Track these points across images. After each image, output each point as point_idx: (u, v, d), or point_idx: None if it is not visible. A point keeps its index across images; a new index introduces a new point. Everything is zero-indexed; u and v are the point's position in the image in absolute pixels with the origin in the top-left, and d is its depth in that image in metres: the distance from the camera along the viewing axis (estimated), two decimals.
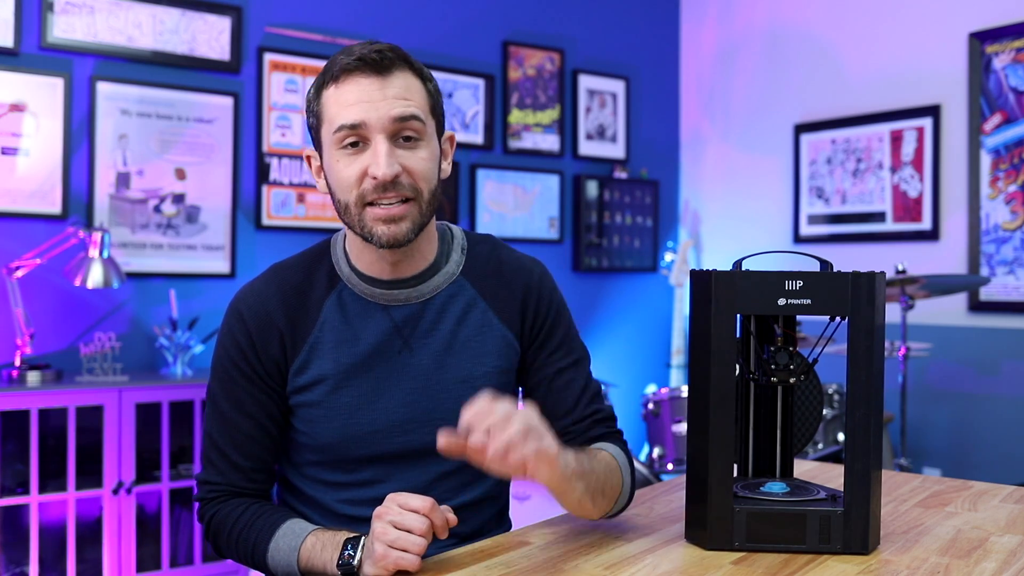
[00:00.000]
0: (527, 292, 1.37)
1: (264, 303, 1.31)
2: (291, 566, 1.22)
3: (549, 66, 4.29)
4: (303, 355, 1.30)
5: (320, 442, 1.31)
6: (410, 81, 1.24)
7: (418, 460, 1.32)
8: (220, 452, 1.31)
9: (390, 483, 1.31)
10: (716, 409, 1.18)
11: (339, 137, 1.22)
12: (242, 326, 1.30)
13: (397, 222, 1.23)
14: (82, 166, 3.13)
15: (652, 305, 4.68)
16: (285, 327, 1.30)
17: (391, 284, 1.31)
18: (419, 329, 1.32)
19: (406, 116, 1.22)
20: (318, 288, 1.32)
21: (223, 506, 1.31)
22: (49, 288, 3.04)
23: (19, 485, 2.79)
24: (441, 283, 1.34)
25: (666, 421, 3.21)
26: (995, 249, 3.62)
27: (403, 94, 1.22)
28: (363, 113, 1.20)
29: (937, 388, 3.79)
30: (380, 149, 1.20)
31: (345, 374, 1.29)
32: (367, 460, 1.31)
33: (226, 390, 1.31)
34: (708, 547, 1.19)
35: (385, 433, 1.30)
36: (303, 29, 3.60)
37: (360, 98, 1.21)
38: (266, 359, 1.30)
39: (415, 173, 1.23)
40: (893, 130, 3.96)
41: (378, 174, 1.20)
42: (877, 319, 1.18)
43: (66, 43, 3.09)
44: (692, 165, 4.79)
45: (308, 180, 3.59)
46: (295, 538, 1.22)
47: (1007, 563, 1.15)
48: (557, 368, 1.36)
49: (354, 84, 1.21)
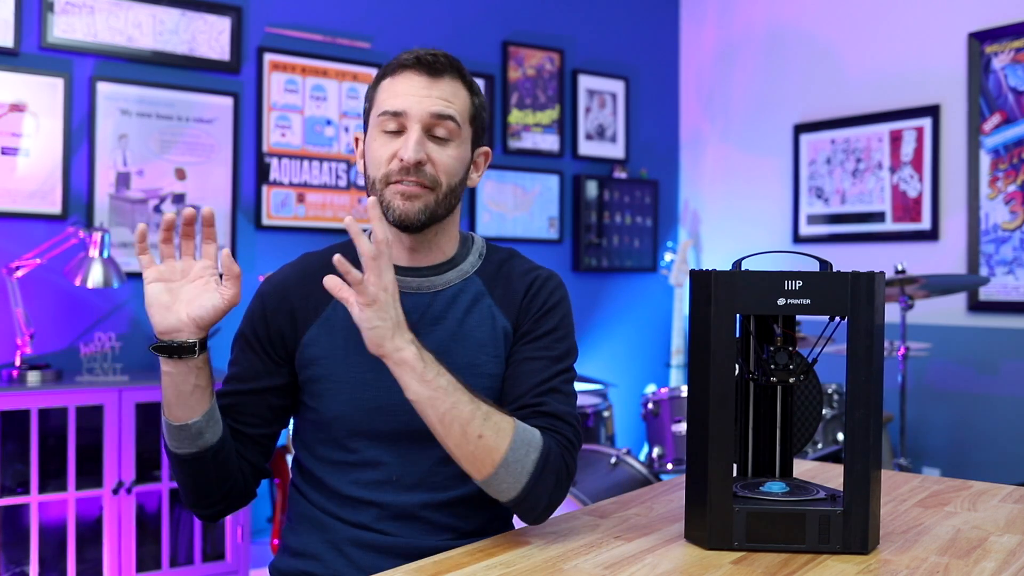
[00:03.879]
0: (529, 287, 1.40)
1: (284, 281, 1.41)
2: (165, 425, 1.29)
3: (549, 66, 4.30)
4: (313, 329, 1.37)
5: (327, 416, 1.35)
6: (457, 88, 1.35)
7: (422, 443, 1.31)
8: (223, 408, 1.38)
9: (392, 466, 1.34)
10: (716, 409, 1.18)
11: (382, 120, 1.33)
12: (259, 300, 1.41)
13: (411, 199, 1.31)
14: (82, 166, 3.13)
15: (652, 305, 4.68)
16: (298, 302, 1.38)
17: (407, 271, 1.37)
18: (427, 317, 1.36)
19: (444, 115, 1.32)
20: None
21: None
22: (49, 288, 3.04)
23: (19, 485, 2.79)
24: (454, 279, 1.39)
25: (666, 421, 3.21)
26: (994, 249, 3.63)
27: (447, 96, 1.33)
28: (406, 104, 1.31)
29: (936, 388, 3.79)
30: (412, 136, 1.31)
31: (354, 350, 1.33)
32: (372, 437, 1.34)
33: (236, 357, 1.40)
34: (708, 547, 1.19)
35: (389, 410, 1.32)
36: (303, 29, 3.60)
37: (408, 91, 1.32)
38: (275, 335, 1.38)
39: (439, 165, 1.33)
40: (892, 130, 3.97)
41: (405, 156, 1.30)
42: (876, 319, 1.18)
43: (66, 43, 3.09)
44: (692, 165, 4.80)
45: (308, 180, 3.60)
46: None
47: (1006, 563, 1.15)
48: (526, 356, 1.35)
49: (406, 79, 1.33)
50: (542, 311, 1.38)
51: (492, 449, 1.20)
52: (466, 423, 1.19)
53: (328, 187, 3.64)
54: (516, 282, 1.41)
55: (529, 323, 1.38)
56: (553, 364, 1.35)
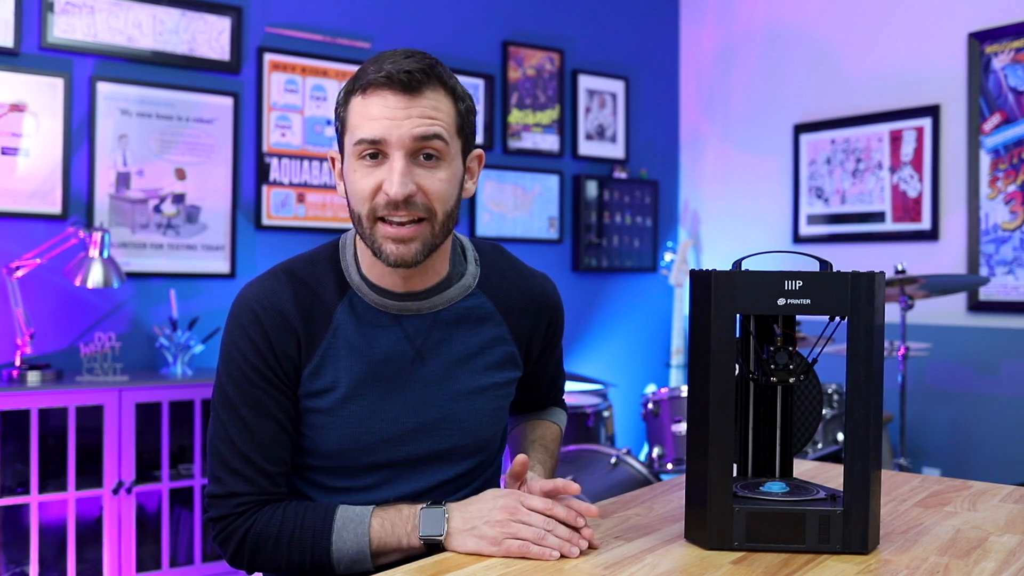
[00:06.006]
0: (540, 313, 1.42)
1: (278, 303, 1.26)
2: (362, 552, 1.20)
3: (549, 66, 4.30)
4: (316, 360, 1.27)
5: (327, 449, 1.30)
6: (439, 100, 1.21)
7: (424, 466, 1.32)
8: (246, 460, 1.24)
9: (392, 488, 1.31)
10: (716, 409, 1.18)
11: (359, 149, 1.20)
12: (258, 326, 1.25)
13: (406, 243, 1.21)
14: (82, 166, 3.13)
15: (652, 305, 4.68)
16: (301, 328, 1.26)
17: (404, 296, 1.30)
18: (431, 339, 1.31)
19: (428, 135, 1.19)
20: (328, 293, 1.29)
21: (259, 516, 1.24)
22: (49, 288, 3.04)
23: (19, 485, 2.79)
24: (456, 296, 1.33)
25: (666, 421, 3.21)
26: (994, 249, 3.63)
27: (429, 113, 1.20)
28: (384, 130, 1.18)
29: (936, 388, 3.79)
30: (396, 167, 1.18)
31: (357, 383, 1.28)
32: (372, 467, 1.31)
33: (245, 394, 1.25)
34: (708, 547, 1.19)
35: (393, 441, 1.30)
36: (303, 29, 3.60)
37: (383, 114, 1.18)
38: (284, 360, 1.26)
39: (430, 193, 1.21)
40: (892, 130, 3.96)
41: (391, 192, 1.18)
42: (876, 319, 1.18)
43: (66, 43, 3.09)
44: (692, 165, 4.80)
45: (308, 180, 3.60)
46: (359, 524, 1.20)
47: (1006, 563, 1.15)
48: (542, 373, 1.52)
49: (380, 99, 1.19)
50: (553, 339, 1.48)
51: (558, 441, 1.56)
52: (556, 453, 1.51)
53: (328, 187, 3.64)
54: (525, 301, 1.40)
55: (540, 347, 1.46)
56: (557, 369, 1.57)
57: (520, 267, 1.44)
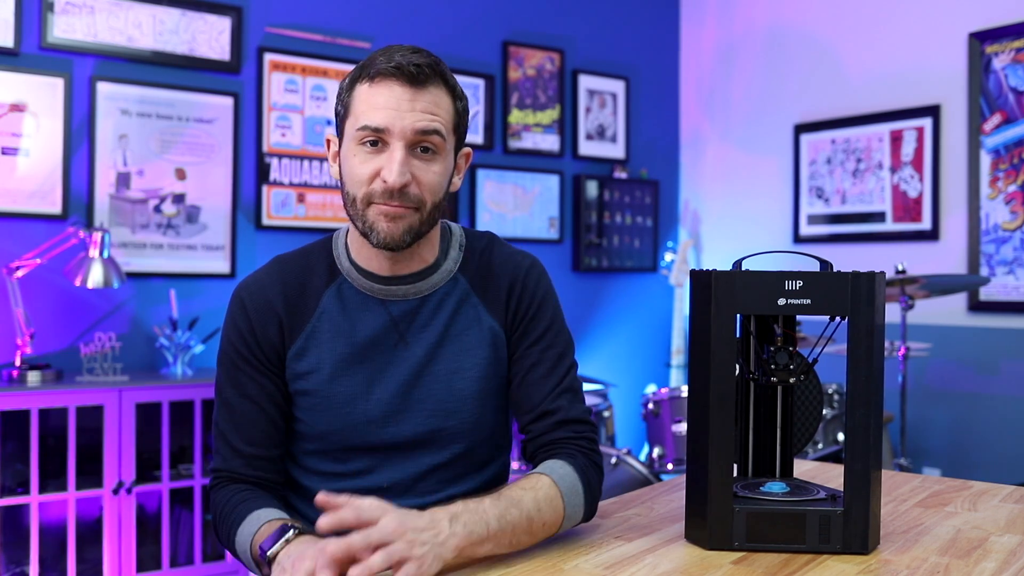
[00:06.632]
0: (512, 283, 1.38)
1: (264, 290, 1.34)
2: (246, 553, 1.23)
3: (549, 66, 4.29)
4: (300, 342, 1.33)
5: (317, 430, 1.34)
6: (441, 97, 1.28)
7: (410, 451, 1.34)
8: (224, 439, 1.33)
9: (382, 473, 1.34)
10: (716, 409, 1.18)
11: (361, 134, 1.25)
12: (243, 312, 1.34)
13: (396, 220, 1.26)
14: (82, 166, 3.13)
15: (652, 305, 4.68)
16: (284, 312, 1.33)
17: (390, 280, 1.34)
18: (415, 323, 1.34)
19: (428, 130, 1.25)
20: (318, 279, 1.36)
21: (220, 492, 1.32)
22: (49, 288, 3.04)
23: (19, 485, 2.79)
24: (439, 281, 1.37)
25: (666, 421, 3.21)
26: (995, 249, 3.63)
27: (431, 108, 1.26)
28: (388, 119, 1.24)
29: (937, 388, 3.79)
30: (396, 156, 1.24)
31: (341, 364, 1.32)
32: (361, 450, 1.34)
33: (229, 376, 1.34)
34: (708, 547, 1.19)
35: (379, 422, 1.33)
36: (303, 29, 3.60)
37: (389, 104, 1.24)
38: (265, 343, 1.33)
39: (423, 185, 1.27)
40: (893, 130, 3.96)
41: (389, 179, 1.24)
42: (877, 319, 1.18)
43: (66, 43, 3.09)
44: (692, 165, 4.80)
45: (308, 180, 3.59)
46: (255, 525, 1.23)
47: (1007, 563, 1.15)
48: (532, 362, 1.36)
49: (386, 88, 1.24)
50: (531, 310, 1.38)
51: (554, 521, 1.21)
52: (528, 527, 1.17)
53: (328, 187, 3.64)
54: (498, 277, 1.38)
55: (522, 325, 1.37)
56: (558, 364, 1.36)
57: (505, 250, 1.42)
